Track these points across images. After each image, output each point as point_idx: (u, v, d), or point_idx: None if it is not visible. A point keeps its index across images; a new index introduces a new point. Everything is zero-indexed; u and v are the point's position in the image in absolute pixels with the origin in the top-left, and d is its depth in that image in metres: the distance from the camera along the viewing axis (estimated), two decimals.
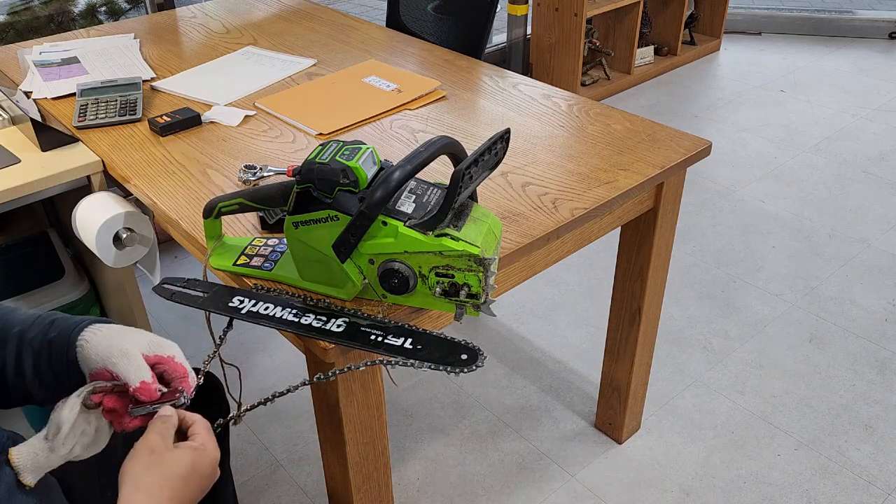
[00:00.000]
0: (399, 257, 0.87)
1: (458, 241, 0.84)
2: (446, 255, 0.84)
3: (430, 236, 0.85)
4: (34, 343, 0.80)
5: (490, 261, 0.84)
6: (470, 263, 0.84)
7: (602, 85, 3.42)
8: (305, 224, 0.90)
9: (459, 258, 0.84)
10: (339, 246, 0.88)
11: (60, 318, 0.82)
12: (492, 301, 0.87)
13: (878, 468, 1.64)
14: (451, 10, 2.01)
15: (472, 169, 0.84)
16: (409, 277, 0.88)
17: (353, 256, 0.90)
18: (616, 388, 1.65)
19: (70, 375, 0.79)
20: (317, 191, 0.87)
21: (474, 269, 0.84)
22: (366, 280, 0.91)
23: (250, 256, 1.03)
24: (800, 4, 4.14)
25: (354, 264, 0.90)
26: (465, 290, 0.87)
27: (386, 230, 0.86)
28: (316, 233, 0.89)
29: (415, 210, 0.87)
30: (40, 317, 0.82)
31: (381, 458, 1.10)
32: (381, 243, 0.87)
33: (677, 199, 1.39)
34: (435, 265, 0.86)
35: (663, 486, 1.61)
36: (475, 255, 0.84)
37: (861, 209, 2.57)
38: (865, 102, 3.33)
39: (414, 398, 1.84)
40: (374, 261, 0.88)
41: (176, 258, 2.32)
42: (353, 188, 0.87)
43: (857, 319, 2.07)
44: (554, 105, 1.49)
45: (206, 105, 1.52)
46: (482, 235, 0.86)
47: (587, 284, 2.22)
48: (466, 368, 0.82)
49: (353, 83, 1.61)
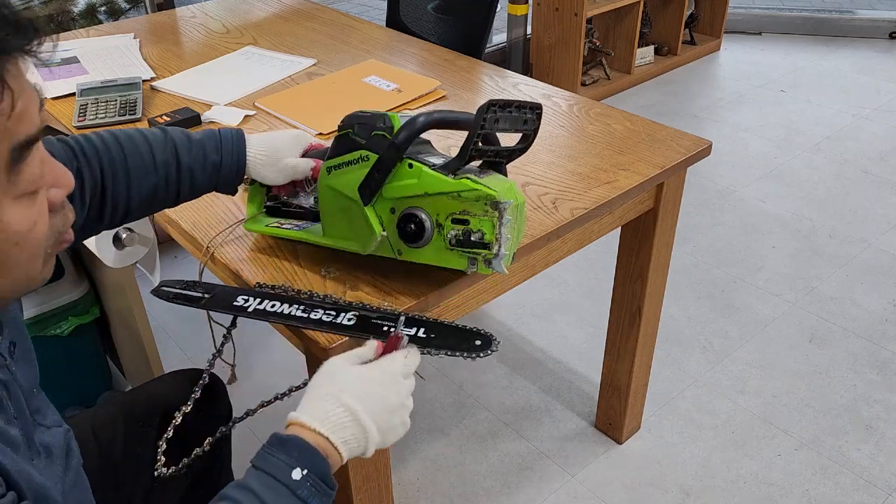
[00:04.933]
0: (419, 202, 0.89)
1: (476, 184, 0.86)
2: (464, 198, 0.86)
3: (451, 178, 0.87)
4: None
5: (506, 205, 0.85)
6: (486, 208, 0.86)
7: (602, 85, 3.42)
8: (338, 168, 0.94)
9: (476, 202, 0.86)
10: (364, 185, 0.91)
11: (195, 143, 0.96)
12: (504, 255, 0.88)
13: (879, 468, 1.64)
14: (451, 10, 2.01)
15: (498, 111, 0.86)
16: (425, 222, 0.89)
17: (375, 204, 0.92)
18: (616, 388, 1.65)
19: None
20: (354, 134, 0.93)
21: (490, 213, 0.86)
22: (384, 233, 0.93)
23: (281, 224, 1.07)
24: (800, 4, 4.14)
25: (376, 213, 0.93)
26: (478, 236, 0.88)
27: (410, 172, 0.89)
28: (346, 176, 0.93)
29: (441, 164, 0.91)
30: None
31: (381, 459, 1.10)
32: (405, 185, 0.90)
33: (677, 199, 1.39)
34: (452, 211, 0.88)
35: (663, 487, 1.61)
36: (492, 196, 0.85)
37: (861, 209, 2.56)
38: (866, 102, 3.33)
39: (414, 398, 1.83)
40: (396, 209, 0.91)
41: (175, 258, 2.32)
42: (387, 133, 0.91)
43: (858, 319, 2.06)
44: (554, 105, 1.49)
45: (206, 105, 1.52)
46: (501, 184, 0.88)
47: (587, 284, 2.22)
48: (482, 353, 0.84)
49: (353, 83, 1.60)
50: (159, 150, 0.94)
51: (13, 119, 0.53)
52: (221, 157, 0.97)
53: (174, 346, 2.00)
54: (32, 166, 0.55)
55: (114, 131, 0.93)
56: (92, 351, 1.74)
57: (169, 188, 0.96)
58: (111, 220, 0.94)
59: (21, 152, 0.54)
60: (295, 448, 0.67)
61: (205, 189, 1.00)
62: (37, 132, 0.55)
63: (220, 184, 1.00)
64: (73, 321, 1.62)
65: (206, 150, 0.97)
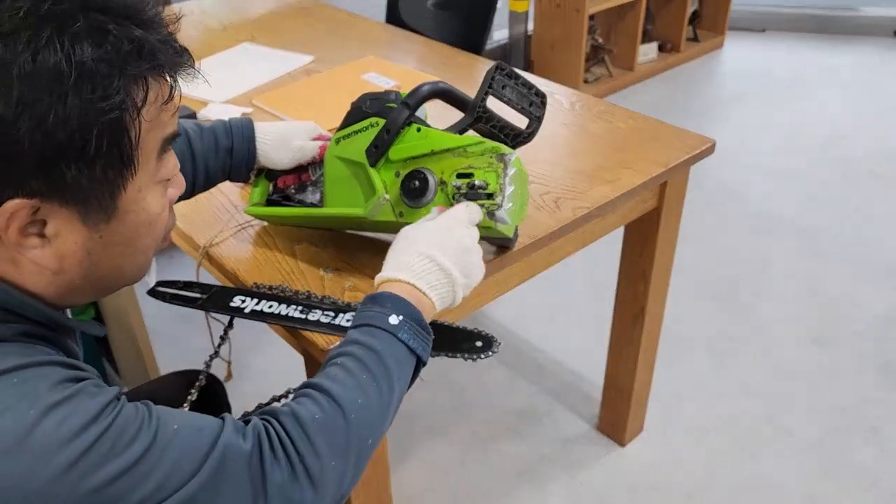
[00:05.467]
0: (425, 162, 0.90)
1: (481, 138, 0.88)
2: (470, 153, 0.87)
3: (457, 136, 0.89)
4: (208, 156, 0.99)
5: (510, 157, 0.86)
6: (491, 160, 0.87)
7: (604, 82, 3.40)
8: (347, 138, 0.96)
9: (482, 155, 0.87)
10: (373, 144, 0.92)
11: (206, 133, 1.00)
12: (508, 207, 0.87)
13: (883, 470, 1.62)
14: (451, 6, 1.99)
15: (506, 79, 0.88)
16: (429, 179, 0.89)
17: (380, 168, 0.93)
18: (619, 389, 1.63)
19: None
20: (367, 108, 0.94)
21: (494, 165, 0.86)
22: (387, 195, 0.92)
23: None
24: (804, 1, 4.12)
25: (380, 176, 0.93)
26: (482, 189, 0.87)
27: (418, 135, 0.91)
28: (354, 143, 0.95)
29: (446, 128, 0.92)
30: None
31: (381, 461, 1.09)
32: (411, 146, 0.90)
33: (681, 198, 1.37)
34: (457, 167, 0.88)
35: (667, 489, 1.59)
36: (497, 148, 0.87)
37: (866, 208, 2.54)
38: (870, 100, 3.31)
39: (414, 400, 1.82)
40: (400, 173, 0.91)
41: (171, 258, 2.30)
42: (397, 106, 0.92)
43: (863, 320, 2.04)
44: (556, 102, 1.47)
45: (203, 102, 1.50)
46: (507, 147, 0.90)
47: (589, 285, 2.20)
48: (483, 355, 0.83)
49: (351, 80, 1.59)
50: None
51: (170, 115, 0.64)
52: (233, 142, 1.00)
53: (170, 348, 1.98)
54: (171, 158, 0.66)
55: None
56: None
57: (185, 177, 0.95)
58: None
59: (169, 143, 0.65)
60: (387, 300, 0.74)
61: (219, 176, 1.02)
62: (178, 132, 0.66)
63: (234, 169, 1.02)
64: None
65: (218, 136, 1.00)
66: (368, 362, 0.71)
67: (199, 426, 0.61)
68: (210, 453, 0.59)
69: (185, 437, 0.59)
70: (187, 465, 0.58)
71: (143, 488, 0.56)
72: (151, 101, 0.60)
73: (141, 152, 0.61)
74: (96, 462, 0.54)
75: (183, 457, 0.58)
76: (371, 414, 0.69)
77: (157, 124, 0.62)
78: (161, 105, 0.61)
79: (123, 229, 0.63)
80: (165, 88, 0.62)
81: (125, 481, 0.55)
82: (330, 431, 0.66)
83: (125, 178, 0.60)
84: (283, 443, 0.64)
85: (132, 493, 0.55)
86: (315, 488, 0.64)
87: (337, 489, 0.66)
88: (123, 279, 0.68)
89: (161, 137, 0.63)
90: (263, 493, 0.61)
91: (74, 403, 0.55)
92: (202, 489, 0.58)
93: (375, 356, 0.71)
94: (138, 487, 0.56)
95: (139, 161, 0.61)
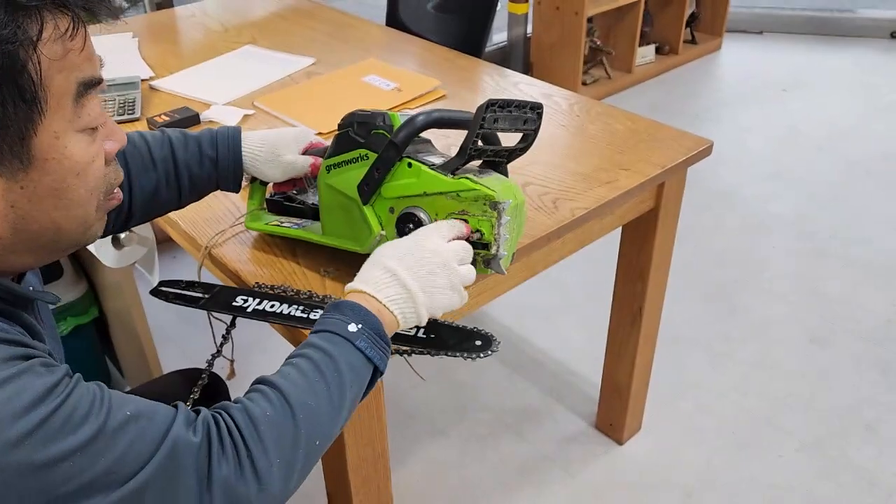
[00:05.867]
0: (418, 202, 0.89)
1: (475, 184, 0.86)
2: (463, 197, 0.86)
3: (450, 177, 0.87)
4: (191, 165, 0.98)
5: (504, 205, 0.84)
6: (485, 208, 0.85)
7: (603, 84, 3.41)
8: (337, 167, 0.94)
9: (475, 202, 0.85)
10: (364, 182, 0.91)
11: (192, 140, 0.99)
12: (502, 256, 0.87)
13: (881, 470, 1.63)
14: (451, 9, 2.00)
15: (498, 111, 0.85)
16: (423, 221, 0.89)
17: (374, 203, 0.92)
18: (617, 388, 1.64)
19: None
20: (354, 132, 0.92)
21: (488, 214, 0.85)
22: (383, 232, 0.92)
23: (281, 223, 1.07)
24: (801, 3, 4.13)
25: (375, 213, 0.92)
26: (476, 236, 0.87)
27: (409, 172, 0.89)
28: (345, 175, 0.93)
29: (440, 163, 0.90)
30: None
31: (381, 460, 1.09)
32: (404, 184, 0.89)
33: (678, 199, 1.38)
34: (451, 211, 0.87)
35: (665, 488, 1.60)
36: (490, 196, 0.84)
37: (864, 209, 2.55)
38: (868, 101, 3.32)
39: (414, 399, 1.83)
40: (395, 209, 0.91)
41: (174, 258, 2.31)
42: (387, 132, 0.90)
43: (861, 320, 2.06)
44: (554, 104, 1.48)
45: (205, 104, 1.51)
46: (501, 184, 0.87)
47: (588, 285, 2.21)
48: (482, 354, 0.83)
49: (352, 82, 1.60)
50: (156, 148, 0.96)
51: (83, 56, 0.62)
52: (217, 152, 0.99)
53: (173, 347, 1.99)
54: (94, 106, 0.64)
55: None
56: (91, 351, 1.73)
57: (169, 185, 0.97)
58: (115, 222, 0.94)
59: (86, 88, 0.63)
60: (348, 308, 0.76)
61: (206, 186, 1.01)
62: (99, 78, 0.64)
63: (221, 180, 1.01)
64: (72, 321, 1.61)
65: (202, 146, 0.99)
66: (323, 366, 0.71)
67: (151, 414, 0.61)
68: (161, 443, 0.60)
69: (136, 424, 0.59)
70: (138, 453, 0.58)
71: (93, 470, 0.56)
72: (49, 37, 0.58)
73: (49, 94, 0.59)
74: (46, 438, 0.54)
75: (134, 444, 0.58)
76: (320, 416, 0.70)
77: (67, 65, 0.60)
78: (66, 42, 0.59)
79: (47, 180, 0.61)
80: (64, 22, 0.59)
81: (76, 461, 0.55)
82: (279, 429, 0.67)
83: (33, 122, 0.59)
84: (233, 436, 0.64)
85: (82, 473, 0.55)
86: (260, 484, 0.64)
87: (282, 487, 0.67)
88: (64, 236, 0.66)
89: (76, 80, 0.61)
90: (208, 485, 0.61)
91: (22, 382, 0.55)
92: (152, 479, 0.59)
93: (331, 361, 0.72)
94: (88, 469, 0.56)
95: (47, 102, 0.59)
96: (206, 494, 0.61)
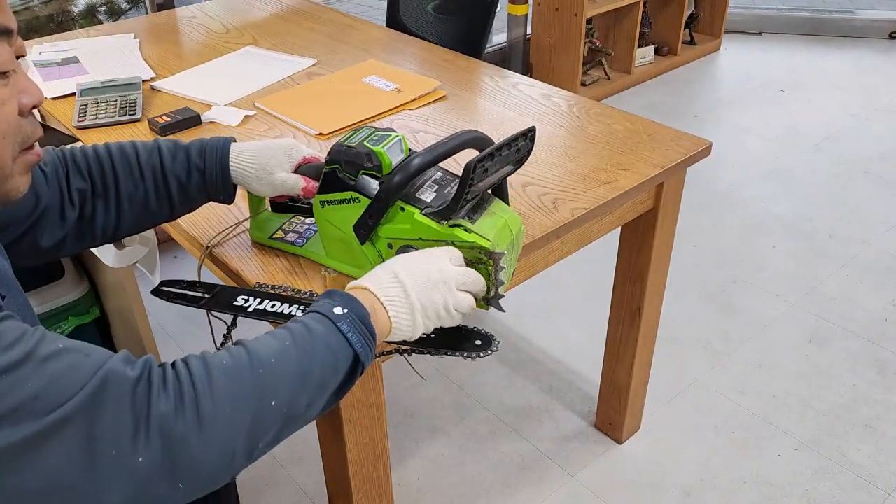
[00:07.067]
0: (415, 243, 0.88)
1: (469, 234, 0.85)
2: (458, 246, 0.85)
3: (443, 226, 0.86)
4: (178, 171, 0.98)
5: (500, 255, 0.84)
6: (480, 256, 0.85)
7: (602, 85, 3.42)
8: (331, 204, 0.93)
9: (471, 250, 0.85)
10: (358, 227, 0.91)
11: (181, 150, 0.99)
12: (501, 296, 0.87)
13: (879, 468, 1.64)
14: (451, 10, 2.01)
15: (486, 162, 0.84)
16: None
17: (372, 240, 0.92)
18: (616, 388, 1.65)
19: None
20: (342, 172, 0.91)
21: (484, 261, 0.85)
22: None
23: (286, 231, 1.08)
24: (800, 4, 4.14)
25: (374, 247, 0.93)
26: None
27: (403, 216, 0.88)
28: (340, 213, 0.93)
29: (434, 199, 0.88)
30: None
31: (381, 459, 1.10)
32: (399, 228, 0.89)
33: (677, 200, 1.39)
34: None
35: (663, 487, 1.61)
36: (485, 248, 0.84)
37: (862, 209, 2.56)
38: (866, 102, 3.33)
39: (414, 398, 1.84)
40: (393, 245, 0.91)
41: (176, 258, 2.32)
42: (376, 172, 0.89)
43: (858, 319, 2.06)
44: (554, 105, 1.49)
45: (206, 105, 1.52)
46: (495, 229, 0.87)
47: (587, 284, 2.22)
48: (482, 353, 0.84)
49: (353, 83, 1.60)
50: (145, 156, 0.97)
51: None
52: (205, 162, 0.98)
53: (174, 346, 2.00)
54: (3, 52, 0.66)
55: (108, 143, 0.98)
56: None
57: (159, 194, 0.98)
58: (104, 231, 0.96)
59: None
60: (338, 295, 0.76)
61: (197, 196, 1.00)
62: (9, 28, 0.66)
63: (211, 191, 1.01)
64: (73, 321, 1.62)
65: (191, 156, 0.99)
66: (297, 336, 0.71)
67: (88, 351, 0.61)
68: (92, 376, 0.59)
69: (69, 356, 0.59)
70: (67, 382, 0.58)
71: (18, 394, 0.55)
72: None
73: None
74: None
75: (64, 373, 0.58)
76: (282, 378, 0.68)
77: None
78: None
79: None
80: None
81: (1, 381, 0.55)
82: (233, 378, 0.65)
83: None
84: (180, 377, 0.63)
85: (6, 395, 0.55)
86: (201, 426, 0.61)
87: (225, 443, 0.63)
88: None
89: None
90: (146, 421, 0.59)
91: None
92: (80, 411, 0.57)
93: (308, 334, 0.71)
94: (13, 391, 0.55)
95: None
96: (142, 433, 0.59)
